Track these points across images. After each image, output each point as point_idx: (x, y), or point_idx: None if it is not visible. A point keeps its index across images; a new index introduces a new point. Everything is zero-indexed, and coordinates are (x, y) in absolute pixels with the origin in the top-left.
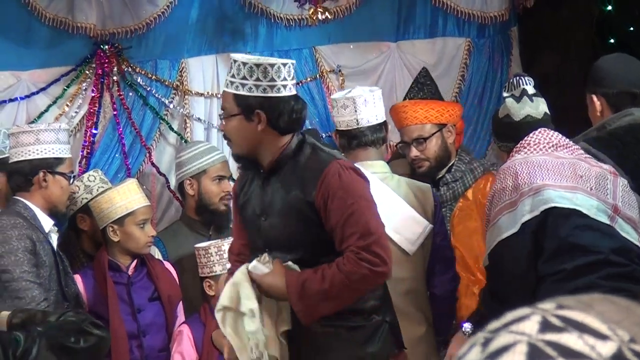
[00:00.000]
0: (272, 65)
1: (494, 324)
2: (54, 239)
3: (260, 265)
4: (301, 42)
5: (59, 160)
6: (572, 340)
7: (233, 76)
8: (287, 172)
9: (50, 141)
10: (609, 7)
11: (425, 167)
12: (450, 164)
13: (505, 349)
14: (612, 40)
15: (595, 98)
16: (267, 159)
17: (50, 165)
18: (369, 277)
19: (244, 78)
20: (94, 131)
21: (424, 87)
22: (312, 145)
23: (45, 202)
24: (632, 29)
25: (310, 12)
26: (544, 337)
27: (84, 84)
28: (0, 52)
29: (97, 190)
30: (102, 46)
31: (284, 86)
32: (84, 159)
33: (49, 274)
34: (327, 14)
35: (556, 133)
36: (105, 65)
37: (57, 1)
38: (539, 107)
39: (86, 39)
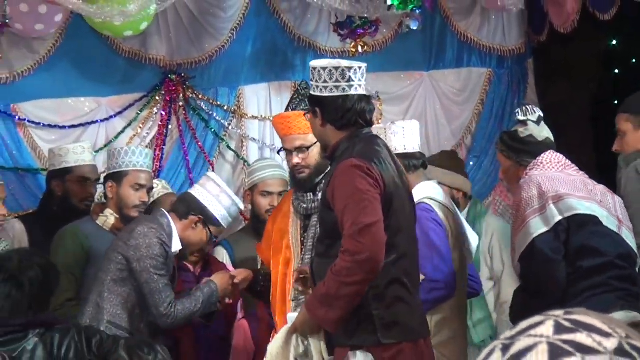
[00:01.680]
0: (327, 68)
1: (507, 333)
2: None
3: (293, 314)
4: None
5: (213, 220)
6: (583, 338)
7: (312, 80)
8: (333, 165)
9: (225, 205)
10: (614, 42)
11: (305, 173)
12: (326, 171)
13: (528, 349)
14: (616, 71)
15: None
16: (330, 151)
17: (209, 218)
18: (354, 268)
19: (314, 80)
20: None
21: (305, 98)
22: (355, 141)
23: (184, 236)
24: (634, 61)
25: (351, 46)
26: (560, 337)
27: (155, 109)
28: (83, 81)
29: (158, 194)
30: (170, 76)
31: (345, 88)
32: (155, 174)
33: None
34: (366, 47)
35: (561, 155)
36: (173, 92)
37: (132, 37)
38: (549, 133)
39: (156, 69)
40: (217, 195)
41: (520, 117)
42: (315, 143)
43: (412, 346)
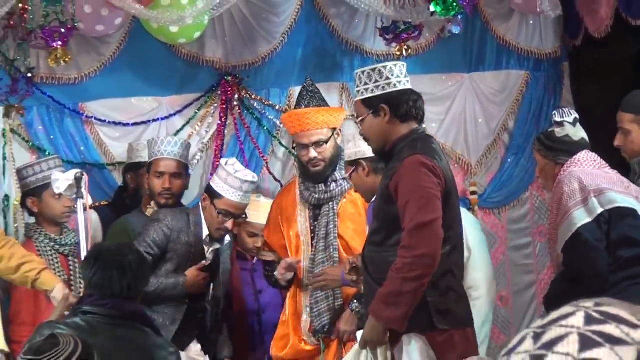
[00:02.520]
0: (384, 67)
1: (539, 322)
2: (209, 250)
3: (360, 331)
4: None
5: (217, 194)
6: (612, 329)
7: (357, 86)
8: (394, 158)
9: (234, 186)
10: None
11: (321, 167)
12: (337, 163)
13: (559, 339)
14: None
15: None
16: (389, 146)
17: (213, 193)
18: (413, 264)
19: (365, 84)
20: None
21: (314, 95)
22: (414, 139)
23: (204, 218)
24: None
25: (396, 49)
26: (590, 328)
27: (212, 108)
28: (145, 82)
29: None
30: (225, 77)
31: (399, 82)
32: (214, 169)
33: (173, 268)
34: (409, 50)
35: (596, 154)
36: (228, 92)
37: (192, 38)
38: (584, 134)
39: (213, 71)
40: (225, 177)
41: (557, 119)
42: (331, 137)
43: (461, 333)
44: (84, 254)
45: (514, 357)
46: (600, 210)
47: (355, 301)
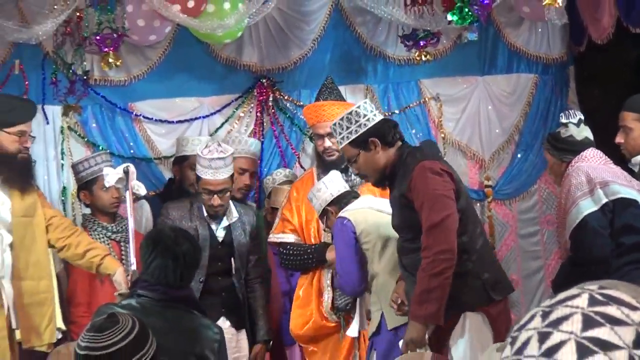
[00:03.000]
0: (357, 110)
1: (548, 301)
2: (218, 229)
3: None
4: (409, 76)
5: (200, 179)
6: (613, 310)
7: (340, 134)
8: (399, 175)
9: (204, 165)
10: None
11: (335, 156)
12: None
13: (564, 318)
14: None
15: None
16: (389, 170)
17: (197, 179)
18: (435, 261)
19: (347, 128)
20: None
21: (332, 91)
22: (409, 152)
23: (201, 201)
24: None
25: (416, 54)
26: (593, 309)
27: (248, 108)
28: (188, 83)
29: (279, 182)
30: (261, 80)
31: (374, 116)
32: None
33: None
34: (428, 55)
35: (601, 152)
36: (264, 93)
37: (229, 46)
38: (589, 133)
39: (249, 74)
40: (199, 160)
41: (563, 120)
42: None
43: (507, 300)
44: (131, 240)
45: (523, 332)
46: (605, 200)
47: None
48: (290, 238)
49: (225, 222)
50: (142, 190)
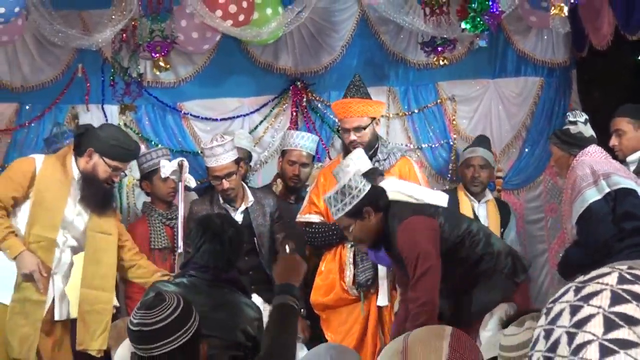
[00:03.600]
0: (348, 183)
1: (581, 278)
2: (236, 214)
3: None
4: (427, 79)
5: (207, 168)
6: (639, 289)
7: (335, 206)
8: (391, 235)
9: (207, 155)
10: (639, 57)
11: (359, 147)
12: (375, 147)
13: (595, 294)
14: None
15: None
16: (382, 232)
17: (208, 170)
18: (419, 313)
19: (342, 201)
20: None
21: (359, 88)
22: (393, 213)
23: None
24: None
25: (434, 59)
26: (621, 287)
27: (284, 107)
28: (230, 85)
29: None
30: (295, 82)
31: (364, 186)
32: None
33: None
34: (445, 60)
35: (601, 148)
36: (298, 95)
37: (267, 51)
38: (592, 131)
39: (285, 77)
40: (203, 152)
41: (572, 119)
42: (369, 124)
43: (525, 285)
44: (180, 226)
45: (557, 305)
46: (607, 189)
47: None
48: (315, 219)
49: (242, 207)
50: (192, 183)
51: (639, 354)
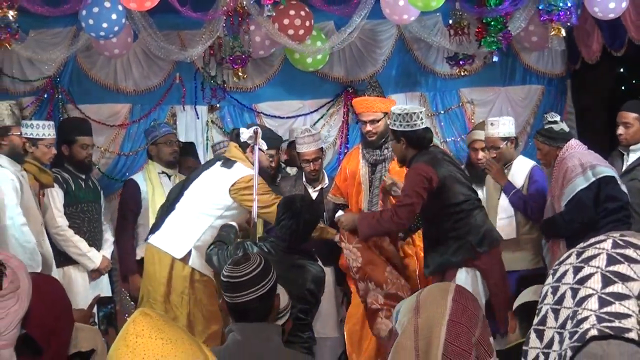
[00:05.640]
0: (407, 114)
1: (582, 244)
2: (312, 192)
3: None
4: (451, 87)
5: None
6: (630, 252)
7: (395, 121)
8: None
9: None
10: (622, 69)
11: (374, 137)
12: (387, 136)
13: (593, 257)
14: (623, 88)
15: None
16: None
17: None
18: (391, 221)
19: (399, 121)
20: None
21: (375, 89)
22: (423, 154)
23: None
24: (634, 82)
25: (457, 71)
26: (615, 251)
27: (338, 108)
28: (294, 90)
29: None
30: (347, 88)
31: (415, 123)
32: (340, 153)
33: None
34: (465, 72)
35: (580, 142)
36: (349, 98)
37: (324, 62)
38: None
39: (338, 84)
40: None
41: (551, 119)
42: (382, 118)
43: (495, 253)
44: (256, 186)
45: (562, 266)
46: (593, 179)
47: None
48: (340, 200)
49: (318, 187)
50: (264, 146)
51: (631, 304)
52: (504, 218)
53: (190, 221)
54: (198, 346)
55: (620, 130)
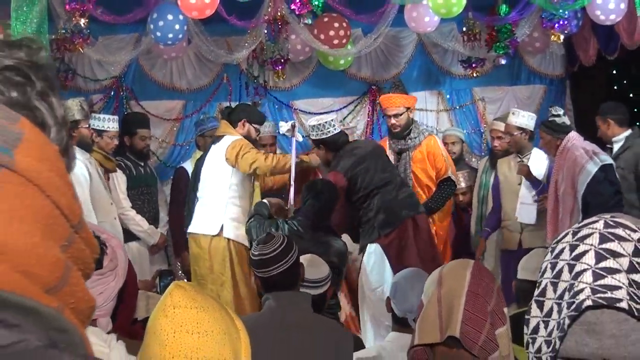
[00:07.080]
0: (320, 124)
1: (577, 224)
2: None
3: None
4: (465, 86)
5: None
6: (620, 231)
7: (314, 131)
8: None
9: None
10: (614, 71)
11: (398, 129)
12: (410, 128)
13: (587, 235)
14: (615, 88)
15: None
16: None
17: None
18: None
19: (312, 131)
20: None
21: (398, 87)
22: (339, 156)
23: None
24: (625, 82)
25: (470, 72)
26: (607, 230)
27: (364, 104)
28: (326, 88)
29: None
30: (372, 87)
31: (329, 130)
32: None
33: None
34: (477, 73)
35: (578, 134)
36: (374, 96)
37: (352, 65)
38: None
39: (364, 83)
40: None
41: (555, 113)
42: (404, 112)
43: (397, 234)
44: (293, 174)
45: (559, 244)
46: (600, 164)
47: None
48: None
49: None
50: (299, 137)
51: (621, 278)
52: (524, 204)
53: (212, 202)
54: (227, 312)
55: (496, 142)
